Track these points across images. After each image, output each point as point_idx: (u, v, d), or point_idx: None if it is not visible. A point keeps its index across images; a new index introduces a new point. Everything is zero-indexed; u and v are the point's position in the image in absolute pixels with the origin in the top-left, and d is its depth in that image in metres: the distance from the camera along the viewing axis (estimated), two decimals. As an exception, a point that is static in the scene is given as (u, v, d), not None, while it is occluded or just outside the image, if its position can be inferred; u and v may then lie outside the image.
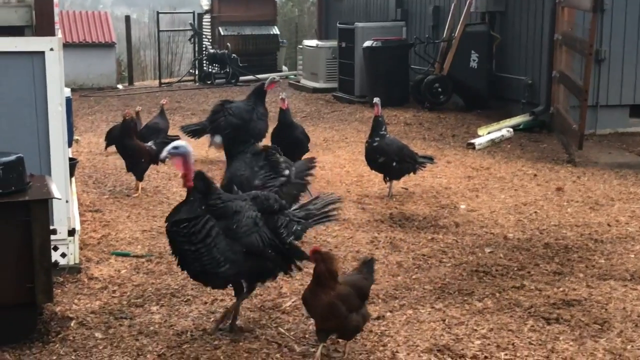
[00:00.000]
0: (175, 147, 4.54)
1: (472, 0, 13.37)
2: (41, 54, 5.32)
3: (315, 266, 4.25)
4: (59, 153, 5.44)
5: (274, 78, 9.95)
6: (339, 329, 4.28)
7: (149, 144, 8.25)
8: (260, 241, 4.58)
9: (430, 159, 8.38)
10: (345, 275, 4.65)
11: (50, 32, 5.58)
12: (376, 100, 7.99)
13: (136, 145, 8.07)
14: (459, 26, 13.52)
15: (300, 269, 4.97)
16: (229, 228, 4.47)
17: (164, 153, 4.53)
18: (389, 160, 7.87)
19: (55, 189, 4.68)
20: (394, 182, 8.09)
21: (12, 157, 4.54)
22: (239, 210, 4.56)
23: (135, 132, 8.35)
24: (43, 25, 5.62)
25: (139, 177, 8.10)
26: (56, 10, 6.03)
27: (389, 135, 8.23)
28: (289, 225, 4.81)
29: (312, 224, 5.06)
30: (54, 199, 4.76)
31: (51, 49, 5.32)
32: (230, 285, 4.71)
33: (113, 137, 9.71)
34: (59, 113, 5.42)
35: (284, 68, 22.35)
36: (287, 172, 6.19)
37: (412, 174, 8.12)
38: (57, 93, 5.40)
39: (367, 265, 4.65)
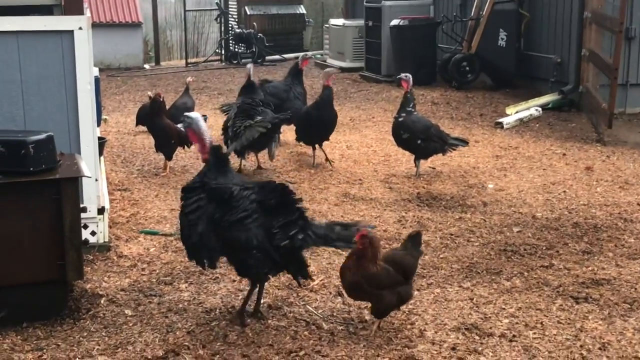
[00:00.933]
0: (187, 117, 4.56)
1: (500, -23, 13.22)
2: (70, 32, 5.35)
3: (360, 249, 4.24)
4: (88, 131, 5.48)
5: (306, 55, 9.98)
6: (372, 302, 4.36)
7: (180, 125, 8.27)
8: (244, 240, 4.28)
9: (464, 142, 8.26)
10: (388, 251, 4.63)
11: (79, 11, 5.60)
12: (405, 75, 7.95)
13: (166, 124, 8.09)
14: (487, 4, 13.38)
15: (299, 285, 4.75)
16: (214, 215, 4.32)
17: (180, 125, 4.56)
18: (414, 137, 7.82)
19: (85, 167, 4.71)
20: (422, 161, 8.06)
21: (43, 136, 4.57)
22: (233, 198, 4.31)
23: (164, 111, 8.36)
24: (72, 4, 5.64)
25: (168, 157, 8.13)
26: (84, -11, 6.04)
27: (417, 112, 8.18)
28: (288, 228, 4.33)
29: (323, 244, 4.60)
30: (83, 178, 4.81)
31: (80, 28, 5.34)
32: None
33: (143, 116, 9.76)
34: (88, 92, 5.45)
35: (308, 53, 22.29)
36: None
37: (440, 154, 8.06)
38: (86, 71, 5.43)
39: (413, 240, 4.55)
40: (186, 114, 4.62)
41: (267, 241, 4.29)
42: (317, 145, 8.47)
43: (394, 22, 14.40)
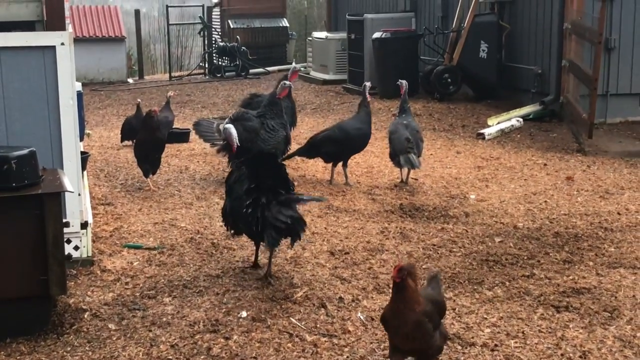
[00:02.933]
0: (226, 128, 5.89)
1: (481, -10, 13.36)
2: (52, 48, 5.36)
3: (399, 282, 3.84)
4: (71, 147, 5.49)
5: (296, 67, 9.71)
6: (422, 349, 3.92)
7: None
8: (236, 212, 5.39)
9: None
10: (422, 290, 4.24)
11: (61, 27, 5.63)
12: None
13: (165, 138, 8.21)
14: (468, 16, 13.51)
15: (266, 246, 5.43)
16: (228, 191, 5.68)
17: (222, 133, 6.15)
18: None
19: (67, 182, 4.72)
20: (405, 170, 8.09)
21: (25, 151, 4.58)
22: (232, 182, 5.54)
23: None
24: (54, 19, 5.67)
25: (156, 171, 8.12)
26: (66, 5, 6.07)
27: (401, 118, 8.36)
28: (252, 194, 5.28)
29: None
30: (66, 192, 4.82)
31: (62, 44, 5.36)
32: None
33: (130, 130, 9.77)
34: (71, 107, 5.46)
35: (293, 63, 22.33)
36: None
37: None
38: (68, 87, 5.43)
39: (435, 280, 4.28)
40: (225, 125, 6.04)
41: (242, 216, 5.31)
42: (338, 164, 8.27)
43: (376, 34, 14.51)
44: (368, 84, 8.59)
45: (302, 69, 16.04)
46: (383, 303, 5.00)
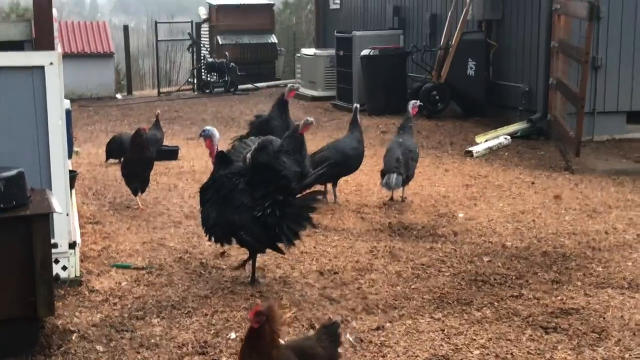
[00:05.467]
0: (204, 131, 5.92)
1: (468, 8, 13.43)
2: (41, 68, 5.35)
3: (256, 328, 3.50)
4: (60, 167, 5.47)
5: (293, 86, 9.59)
6: None
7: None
8: (237, 221, 5.54)
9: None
10: (297, 339, 4.03)
11: (50, 47, 5.62)
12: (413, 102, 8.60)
13: (153, 157, 8.25)
14: (455, 34, 13.59)
15: (281, 252, 5.73)
16: (218, 201, 5.65)
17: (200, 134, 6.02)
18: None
19: (55, 203, 4.71)
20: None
21: (13, 172, 4.57)
22: (229, 190, 5.61)
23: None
24: (42, 39, 5.67)
25: (145, 189, 8.11)
26: (55, 25, 6.07)
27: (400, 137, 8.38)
28: (264, 200, 5.50)
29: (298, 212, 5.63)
30: (54, 213, 4.80)
31: (51, 63, 5.35)
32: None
33: (119, 150, 9.75)
34: (59, 127, 5.45)
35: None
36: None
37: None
38: (57, 107, 5.43)
39: (329, 331, 3.80)
40: (206, 127, 5.99)
41: (253, 222, 5.50)
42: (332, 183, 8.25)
43: (365, 51, 14.57)
44: (357, 105, 8.59)
45: (299, 87, 15.63)
46: (372, 324, 5.01)
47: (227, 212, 5.60)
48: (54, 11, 5.97)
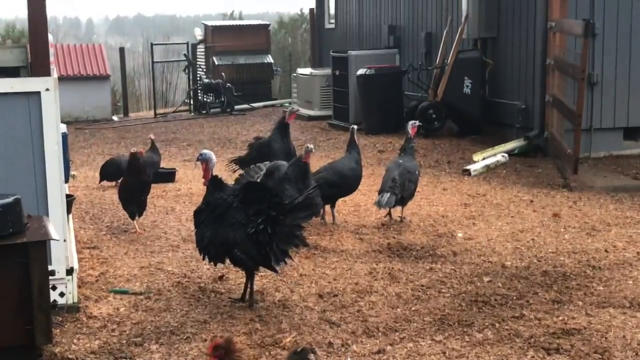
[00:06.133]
0: (201, 154, 5.98)
1: (463, 26, 13.46)
2: (37, 94, 5.34)
3: None
4: (56, 193, 5.45)
5: (293, 108, 9.47)
6: None
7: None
8: (231, 238, 5.58)
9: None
10: None
11: (46, 72, 5.60)
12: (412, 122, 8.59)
13: (150, 180, 8.24)
14: (451, 53, 13.61)
15: (274, 271, 5.78)
16: (212, 220, 5.70)
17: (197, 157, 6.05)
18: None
19: (52, 230, 4.68)
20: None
21: (10, 199, 4.54)
22: (224, 209, 5.67)
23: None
24: (38, 65, 5.64)
25: (142, 213, 8.06)
26: (51, 50, 6.05)
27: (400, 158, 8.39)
28: (257, 217, 5.54)
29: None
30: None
31: (47, 89, 5.34)
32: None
33: (116, 172, 9.73)
34: (56, 152, 5.43)
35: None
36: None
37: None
38: (53, 132, 5.41)
39: (300, 358, 3.67)
40: (203, 151, 6.06)
41: (247, 239, 5.54)
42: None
43: (361, 71, 14.59)
44: (355, 127, 8.57)
45: (299, 109, 15.37)
46: (373, 347, 4.97)
47: (222, 229, 5.64)
48: (50, 36, 5.96)
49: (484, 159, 11.31)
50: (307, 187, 7.12)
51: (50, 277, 4.77)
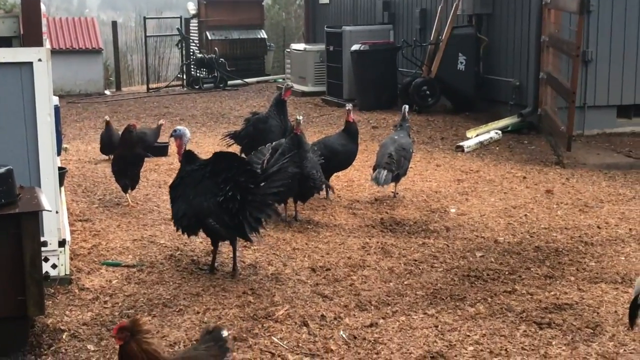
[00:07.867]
0: (174, 130, 6.11)
1: (458, 2, 13.39)
2: (29, 64, 5.29)
3: (122, 347, 3.36)
4: (49, 164, 5.42)
5: (288, 84, 9.43)
6: None
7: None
8: (205, 208, 5.65)
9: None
10: (182, 351, 3.90)
11: (38, 43, 5.55)
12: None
13: (143, 154, 8.25)
14: (446, 29, 13.55)
15: (250, 240, 5.85)
16: (187, 192, 5.78)
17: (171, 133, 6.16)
18: None
19: (45, 201, 4.65)
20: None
21: (2, 170, 4.51)
22: (198, 181, 5.73)
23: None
24: (31, 35, 5.59)
25: (135, 186, 8.04)
26: (43, 20, 6.00)
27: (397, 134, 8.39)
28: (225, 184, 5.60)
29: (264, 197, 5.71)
30: (44, 211, 4.75)
31: (39, 60, 5.29)
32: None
33: (111, 146, 9.68)
34: (48, 123, 5.39)
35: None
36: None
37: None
38: (45, 103, 5.37)
39: (214, 337, 3.65)
40: (177, 127, 6.15)
41: (218, 207, 5.60)
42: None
43: (355, 46, 14.52)
44: (350, 105, 8.54)
45: (293, 85, 15.14)
46: (365, 321, 4.98)
47: (195, 200, 5.70)
48: (42, 6, 5.90)
49: (477, 135, 11.30)
50: (302, 159, 7.12)
51: (42, 249, 4.75)
